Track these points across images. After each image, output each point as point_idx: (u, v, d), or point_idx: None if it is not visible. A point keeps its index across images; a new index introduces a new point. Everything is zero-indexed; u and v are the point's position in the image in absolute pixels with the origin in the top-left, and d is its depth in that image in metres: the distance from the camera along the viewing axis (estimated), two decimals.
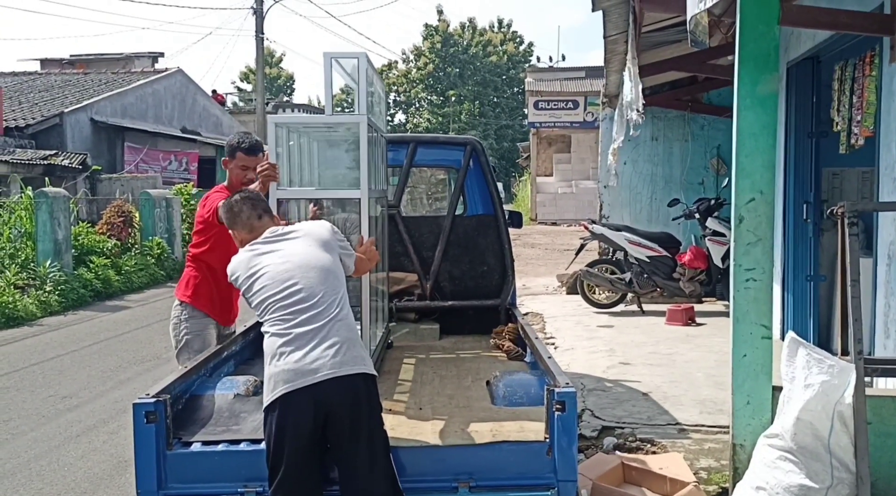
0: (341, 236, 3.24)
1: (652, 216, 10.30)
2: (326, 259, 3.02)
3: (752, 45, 3.61)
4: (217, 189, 4.09)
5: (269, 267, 2.97)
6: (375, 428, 2.85)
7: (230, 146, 4.06)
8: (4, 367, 7.49)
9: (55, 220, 11.79)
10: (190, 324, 3.94)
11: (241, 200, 3.22)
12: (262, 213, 3.22)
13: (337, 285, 2.98)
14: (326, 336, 2.83)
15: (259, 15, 26.78)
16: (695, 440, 4.64)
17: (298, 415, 2.76)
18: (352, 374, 2.81)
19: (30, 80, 23.50)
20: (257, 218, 3.19)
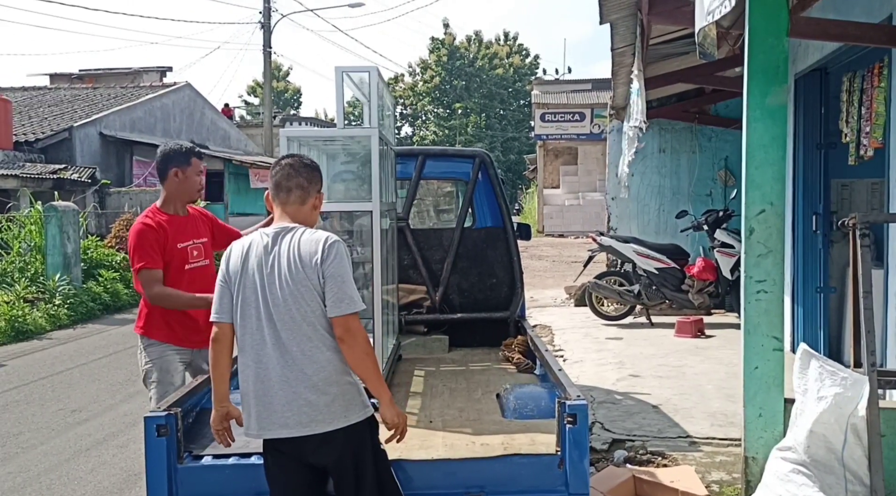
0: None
1: (660, 228, 10.29)
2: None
3: (761, 57, 3.62)
4: (142, 215, 3.77)
5: None
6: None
7: (181, 153, 3.74)
8: (14, 381, 7.51)
9: (64, 234, 11.85)
10: (147, 354, 3.74)
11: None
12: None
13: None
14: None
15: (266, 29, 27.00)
16: (706, 453, 4.61)
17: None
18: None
19: (39, 94, 23.69)
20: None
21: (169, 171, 3.72)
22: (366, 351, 2.63)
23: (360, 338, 2.61)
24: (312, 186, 2.79)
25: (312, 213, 2.86)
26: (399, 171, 5.09)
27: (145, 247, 3.57)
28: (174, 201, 3.76)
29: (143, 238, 3.59)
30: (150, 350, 3.73)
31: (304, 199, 2.76)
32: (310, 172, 2.80)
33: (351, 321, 2.59)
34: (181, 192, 3.75)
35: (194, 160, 3.75)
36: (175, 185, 3.73)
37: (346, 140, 4.20)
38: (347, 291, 2.59)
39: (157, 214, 3.69)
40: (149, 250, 3.56)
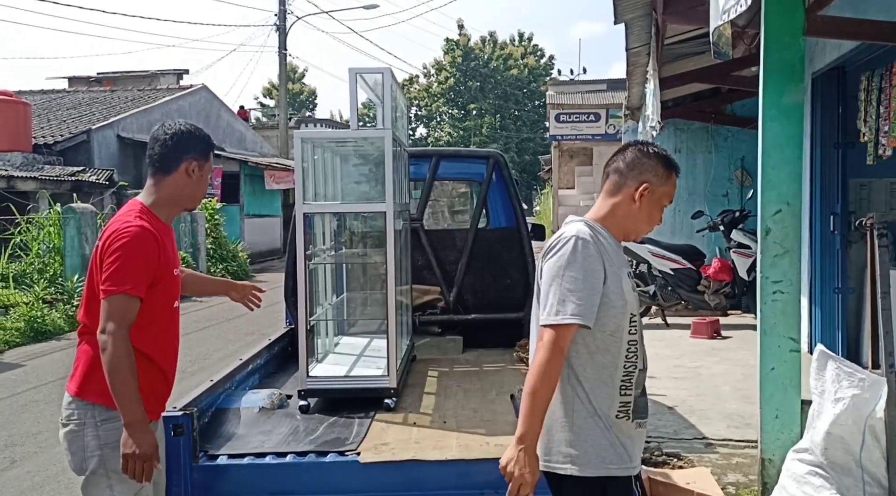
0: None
1: (675, 228, 10.23)
2: None
3: (777, 55, 3.60)
4: (132, 214, 2.53)
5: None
6: None
7: (202, 140, 2.67)
8: (33, 381, 7.59)
9: (83, 236, 11.97)
10: (102, 433, 2.46)
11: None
12: None
13: None
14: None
15: (282, 31, 27.14)
16: (722, 454, 4.58)
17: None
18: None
19: (58, 97, 23.92)
20: None
21: (182, 162, 2.58)
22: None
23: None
24: (632, 174, 2.26)
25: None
26: (413, 172, 5.10)
27: (140, 264, 2.42)
28: (171, 205, 2.64)
29: (143, 250, 2.44)
30: (114, 426, 2.43)
31: (618, 188, 2.28)
32: (640, 158, 2.27)
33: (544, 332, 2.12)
34: (188, 194, 2.65)
35: (211, 155, 2.71)
36: (183, 184, 2.60)
37: (359, 141, 4.22)
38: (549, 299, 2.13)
39: (151, 219, 2.54)
40: (142, 270, 2.43)
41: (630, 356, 2.21)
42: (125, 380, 2.36)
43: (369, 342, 4.59)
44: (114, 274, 2.39)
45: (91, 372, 2.47)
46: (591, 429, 2.16)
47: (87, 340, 2.51)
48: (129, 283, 2.39)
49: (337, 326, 4.73)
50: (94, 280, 2.49)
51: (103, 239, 2.48)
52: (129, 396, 2.37)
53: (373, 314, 4.79)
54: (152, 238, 2.47)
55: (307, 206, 3.82)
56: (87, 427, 2.46)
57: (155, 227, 2.52)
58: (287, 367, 4.50)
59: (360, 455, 3.01)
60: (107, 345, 2.36)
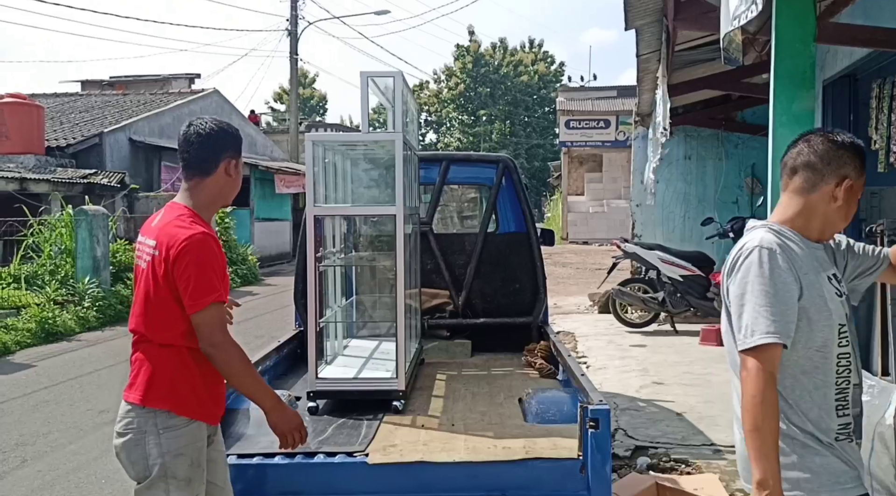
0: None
1: (685, 235, 10.23)
2: None
3: (788, 62, 3.60)
4: (185, 220, 2.46)
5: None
6: None
7: (237, 138, 2.61)
8: (44, 381, 7.64)
9: (94, 238, 12.05)
10: (170, 440, 2.43)
11: None
12: None
13: None
14: None
15: (293, 36, 27.28)
16: (730, 461, 4.56)
17: None
18: None
19: (71, 100, 24.12)
20: None
21: (220, 162, 2.53)
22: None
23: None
24: (829, 169, 2.03)
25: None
26: (423, 176, 5.12)
27: (214, 270, 2.42)
28: (212, 206, 2.60)
29: (212, 256, 2.42)
30: (176, 433, 2.43)
31: (813, 185, 2.04)
32: (834, 150, 2.04)
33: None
34: (226, 194, 2.61)
35: (241, 150, 2.66)
36: (223, 183, 2.56)
37: (370, 144, 4.24)
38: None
39: (200, 221, 2.50)
40: (218, 275, 2.43)
41: (842, 371, 1.98)
42: (250, 377, 2.48)
43: (378, 345, 4.61)
44: (198, 287, 2.38)
45: (154, 379, 2.44)
46: (810, 455, 1.95)
47: (144, 349, 2.49)
48: (213, 292, 2.40)
49: (346, 329, 4.75)
50: (150, 288, 2.45)
51: (164, 248, 2.41)
52: (259, 389, 2.51)
53: (382, 317, 4.81)
54: (214, 241, 2.46)
55: (318, 209, 3.84)
56: (149, 435, 2.43)
57: (207, 229, 2.49)
58: (296, 369, 4.52)
59: (368, 456, 3.03)
60: (222, 355, 2.40)
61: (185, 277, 2.37)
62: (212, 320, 2.39)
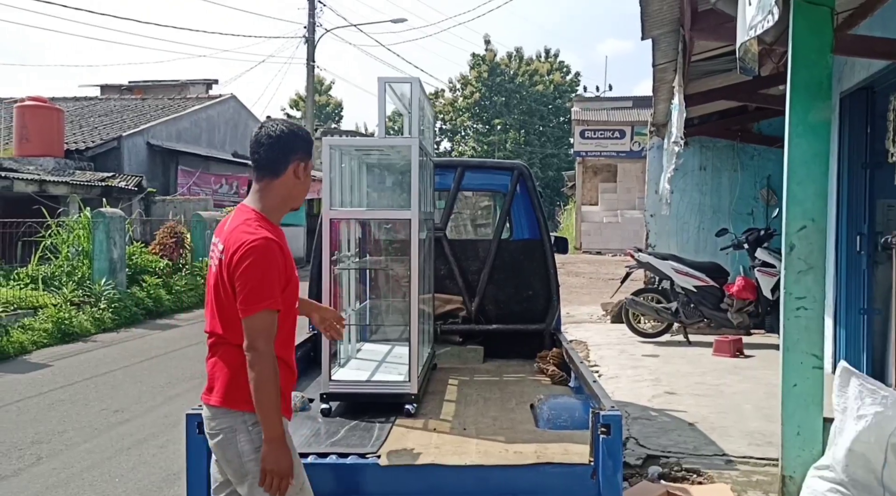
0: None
1: (699, 246, 10.18)
2: None
3: (804, 72, 3.61)
4: (251, 224, 2.45)
5: None
6: None
7: (307, 140, 2.60)
8: (60, 381, 7.72)
9: (111, 240, 12.17)
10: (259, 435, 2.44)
11: None
12: None
13: None
14: None
15: (310, 44, 27.49)
16: (742, 472, 4.55)
17: None
18: None
19: (90, 104, 24.39)
20: None
21: (289, 164, 2.53)
22: None
23: None
24: None
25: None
26: (437, 183, 5.15)
27: (272, 276, 2.40)
28: (281, 208, 2.59)
29: (272, 261, 2.40)
30: (260, 429, 2.44)
31: None
32: None
33: None
34: (296, 195, 2.60)
35: (312, 153, 2.63)
36: (292, 185, 2.56)
37: (386, 149, 4.28)
38: None
39: (267, 225, 2.48)
40: (275, 282, 2.41)
41: None
42: (270, 397, 2.36)
43: (391, 349, 4.63)
44: (252, 292, 2.36)
45: (233, 381, 2.44)
46: None
47: (220, 352, 2.50)
48: (267, 299, 2.37)
49: (359, 332, 4.77)
50: (219, 290, 2.45)
51: (230, 252, 2.41)
52: (273, 413, 2.37)
53: (395, 321, 4.83)
54: (276, 246, 2.42)
55: (334, 212, 3.87)
56: (240, 433, 2.44)
57: (273, 233, 2.46)
58: (309, 372, 4.55)
59: (380, 458, 3.05)
60: (255, 363, 2.35)
61: (242, 282, 2.37)
62: (258, 327, 2.36)
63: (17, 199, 14.44)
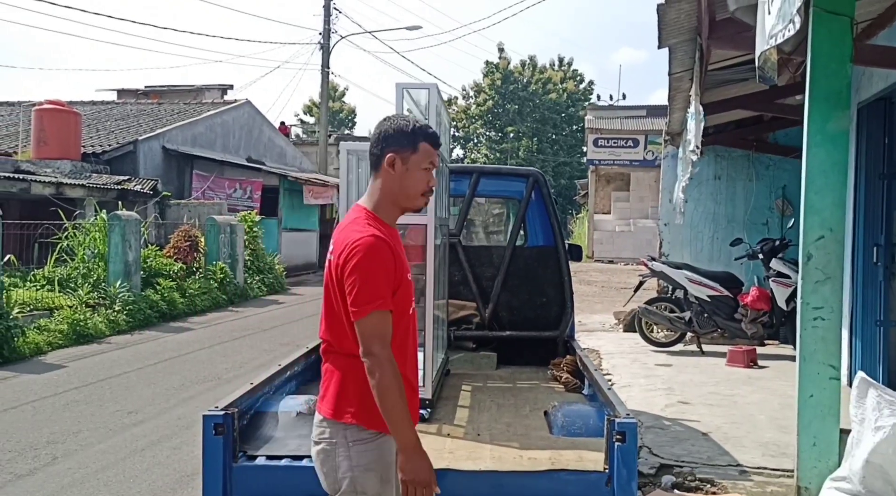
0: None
1: (713, 255, 10.15)
2: None
3: (823, 82, 3.60)
4: (360, 223, 2.34)
5: None
6: None
7: (403, 133, 2.38)
8: (75, 382, 7.77)
9: (126, 243, 12.25)
10: (361, 453, 2.34)
11: None
12: None
13: None
14: None
15: (326, 50, 27.62)
16: (756, 482, 4.52)
17: None
18: None
19: (107, 108, 24.61)
20: None
21: (384, 157, 2.37)
22: None
23: None
24: None
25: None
26: (452, 189, 5.16)
27: (382, 275, 2.27)
28: (389, 206, 2.41)
29: (382, 260, 2.27)
30: (365, 447, 2.33)
31: None
32: None
33: None
34: (398, 191, 2.39)
35: (424, 146, 2.38)
36: (388, 180, 2.38)
37: None
38: None
39: (376, 223, 2.35)
40: (386, 282, 2.28)
41: None
42: (395, 402, 2.21)
43: None
44: (360, 293, 2.23)
45: (342, 393, 2.35)
46: None
47: (333, 359, 2.41)
48: (377, 299, 2.23)
49: None
50: (332, 295, 2.36)
51: (337, 253, 2.32)
52: (401, 419, 2.22)
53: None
54: (385, 245, 2.28)
55: None
56: (339, 447, 2.34)
57: (383, 231, 2.32)
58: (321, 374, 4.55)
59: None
60: (374, 368, 2.21)
61: (350, 282, 2.25)
62: (371, 329, 2.23)
63: (34, 201, 14.58)
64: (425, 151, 2.38)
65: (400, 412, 2.22)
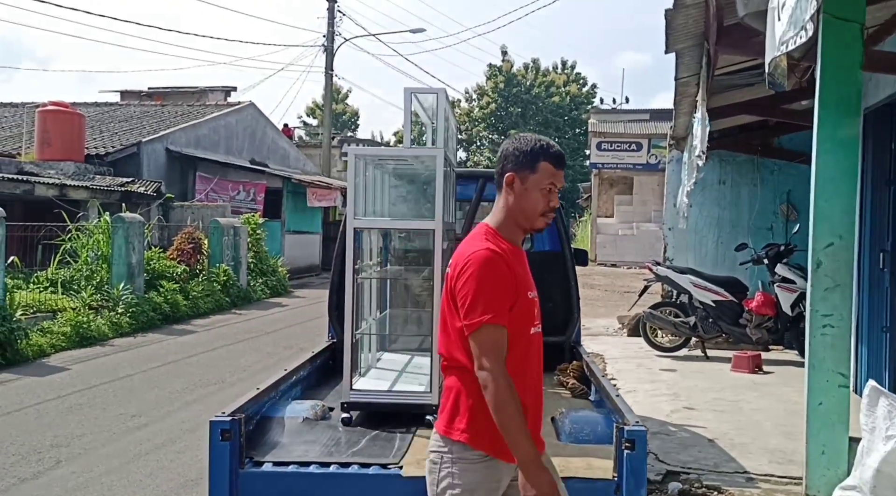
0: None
1: (717, 260, 10.12)
2: None
3: (833, 88, 3.59)
4: (478, 238, 2.35)
5: None
6: None
7: (524, 152, 2.36)
8: (78, 384, 7.76)
9: (130, 245, 12.25)
10: (465, 472, 2.30)
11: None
12: None
13: None
14: None
15: (329, 52, 27.65)
16: (764, 490, 4.50)
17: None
18: None
19: (110, 110, 24.61)
20: None
21: (504, 175, 2.37)
22: None
23: None
24: None
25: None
26: (458, 193, 5.14)
27: (496, 289, 2.24)
28: (511, 225, 2.39)
29: (496, 274, 2.25)
30: (470, 467, 2.29)
31: None
32: None
33: None
34: (518, 210, 2.37)
35: (544, 165, 2.35)
36: (509, 199, 2.37)
37: (410, 159, 4.28)
38: None
39: (496, 240, 2.34)
40: (500, 296, 2.25)
41: None
42: (512, 417, 2.17)
43: (410, 359, 4.62)
44: (472, 306, 2.22)
45: (454, 409, 2.33)
46: None
47: (449, 374, 2.38)
48: (489, 312, 2.21)
49: (378, 342, 4.77)
50: (447, 308, 2.35)
51: (453, 265, 2.33)
52: (518, 433, 2.17)
53: (414, 331, 4.82)
54: (501, 260, 2.26)
55: (358, 222, 3.88)
56: (444, 463, 2.32)
57: (502, 247, 2.30)
58: (328, 380, 4.55)
59: (402, 469, 3.04)
60: (487, 383, 2.18)
61: (463, 295, 2.24)
62: (483, 343, 2.20)
63: (37, 202, 14.58)
64: (545, 171, 2.35)
65: (516, 427, 2.17)
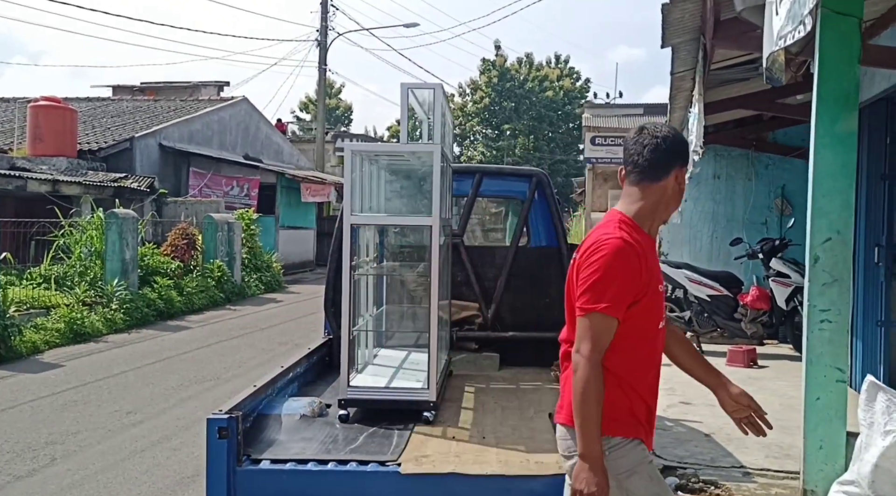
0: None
1: (712, 255, 10.14)
2: None
3: (831, 83, 3.58)
4: (612, 225, 2.29)
5: None
6: None
7: (686, 150, 2.40)
8: (72, 381, 7.73)
9: (124, 241, 12.20)
10: (629, 456, 2.28)
11: None
12: None
13: None
14: None
15: (323, 47, 27.54)
16: (760, 484, 4.50)
17: None
18: None
19: (103, 105, 24.49)
20: None
21: (672, 169, 2.31)
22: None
23: None
24: None
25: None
26: (455, 189, 5.13)
27: (618, 280, 2.19)
28: (654, 215, 2.35)
29: (622, 265, 2.19)
30: (620, 453, 2.27)
31: None
32: None
33: None
34: (667, 202, 2.36)
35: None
36: (670, 192, 2.33)
37: (406, 155, 4.26)
38: None
39: (633, 231, 2.28)
40: (621, 287, 2.19)
41: None
42: (588, 408, 2.14)
43: (407, 355, 4.61)
44: (590, 290, 2.18)
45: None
46: None
47: (570, 363, 2.29)
48: (606, 301, 2.16)
49: (375, 338, 4.75)
50: (571, 296, 2.32)
51: (581, 251, 2.28)
52: (589, 424, 2.15)
53: (410, 327, 4.81)
54: (633, 252, 2.20)
55: (355, 218, 3.86)
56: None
57: (636, 239, 2.24)
58: (325, 377, 4.53)
59: (401, 466, 3.03)
60: (578, 368, 2.17)
61: (584, 279, 2.21)
62: (589, 329, 2.17)
63: (30, 198, 14.50)
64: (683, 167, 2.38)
65: (591, 418, 2.15)
